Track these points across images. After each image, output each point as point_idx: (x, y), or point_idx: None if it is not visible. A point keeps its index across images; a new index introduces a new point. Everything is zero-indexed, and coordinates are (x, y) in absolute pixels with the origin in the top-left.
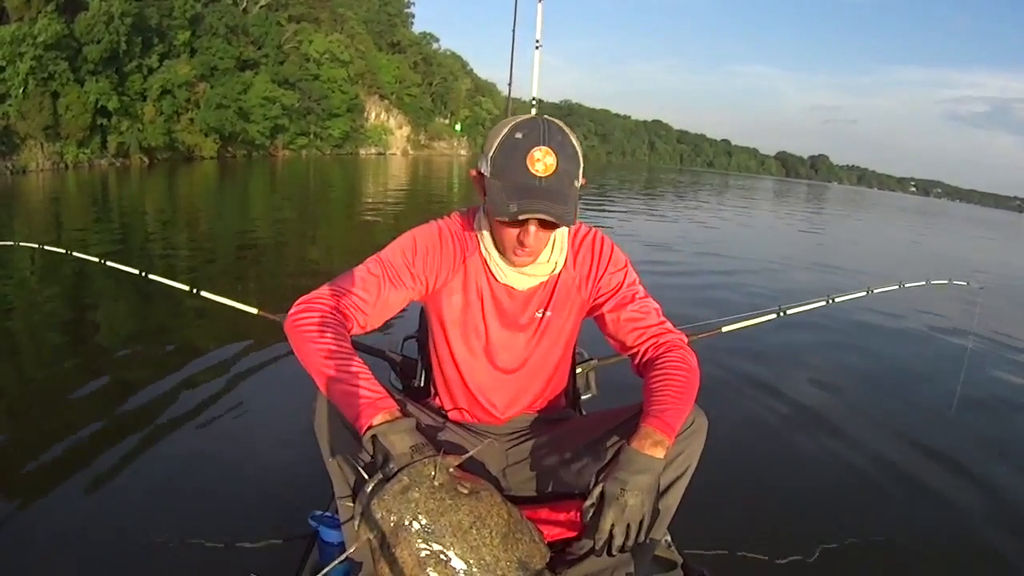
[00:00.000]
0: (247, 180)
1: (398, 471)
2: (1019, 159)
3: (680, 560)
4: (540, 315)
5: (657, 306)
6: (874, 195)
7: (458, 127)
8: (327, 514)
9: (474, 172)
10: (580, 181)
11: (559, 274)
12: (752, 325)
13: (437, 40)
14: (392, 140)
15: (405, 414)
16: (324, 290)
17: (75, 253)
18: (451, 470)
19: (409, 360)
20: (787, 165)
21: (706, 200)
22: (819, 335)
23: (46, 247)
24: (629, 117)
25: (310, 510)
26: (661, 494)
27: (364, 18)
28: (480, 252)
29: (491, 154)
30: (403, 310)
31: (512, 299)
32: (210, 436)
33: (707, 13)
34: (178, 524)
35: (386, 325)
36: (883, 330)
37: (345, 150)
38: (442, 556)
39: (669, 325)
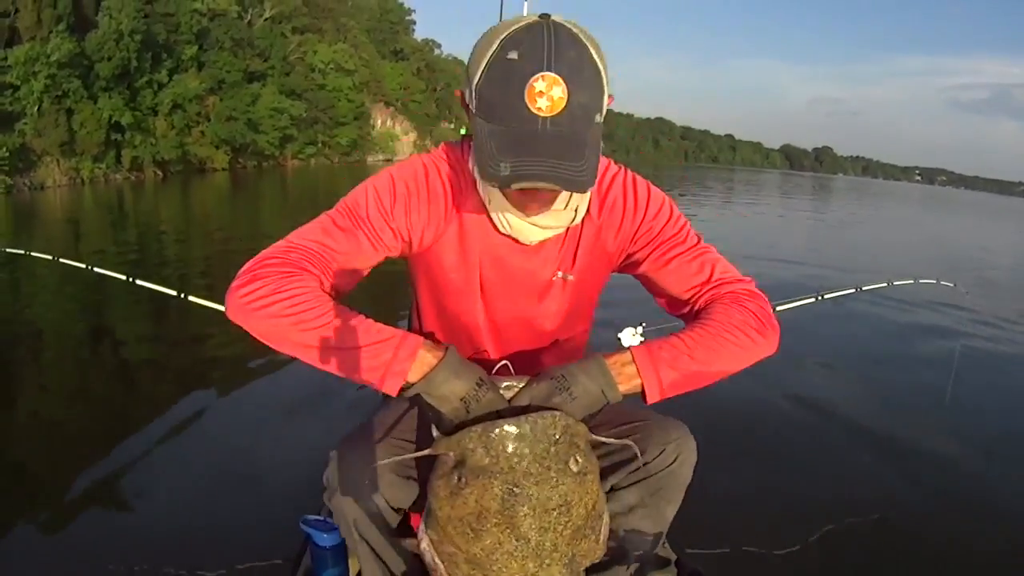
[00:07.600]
0: (259, 191)
1: (521, 413)
2: (1021, 144)
3: (674, 557)
4: (559, 278)
5: (716, 256)
6: (879, 185)
7: (463, 131)
8: (319, 518)
9: (459, 93)
10: (603, 113)
11: (581, 224)
12: None
13: (439, 46)
14: (399, 146)
15: (437, 347)
16: (273, 248)
17: (62, 260)
18: (576, 435)
19: None
20: (791, 158)
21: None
22: (809, 330)
23: (33, 253)
24: (632, 115)
25: (301, 514)
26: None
27: (367, 27)
28: (477, 196)
29: (476, 83)
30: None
31: (521, 257)
32: (201, 438)
33: (706, 7)
34: (168, 522)
35: (379, 298)
36: (874, 326)
37: (353, 158)
38: (507, 522)
39: (734, 274)
